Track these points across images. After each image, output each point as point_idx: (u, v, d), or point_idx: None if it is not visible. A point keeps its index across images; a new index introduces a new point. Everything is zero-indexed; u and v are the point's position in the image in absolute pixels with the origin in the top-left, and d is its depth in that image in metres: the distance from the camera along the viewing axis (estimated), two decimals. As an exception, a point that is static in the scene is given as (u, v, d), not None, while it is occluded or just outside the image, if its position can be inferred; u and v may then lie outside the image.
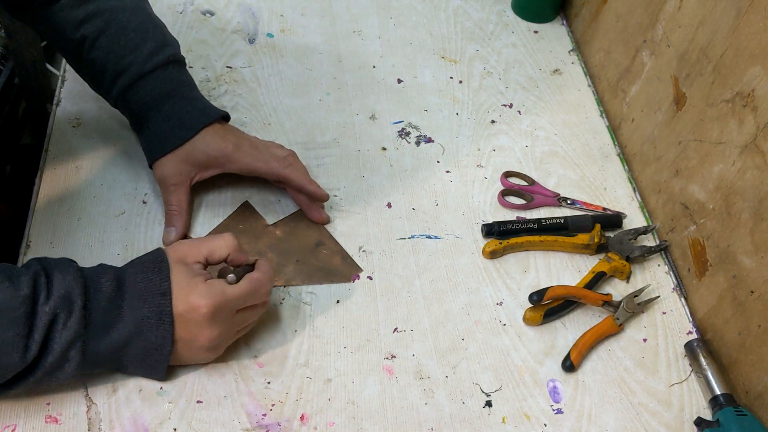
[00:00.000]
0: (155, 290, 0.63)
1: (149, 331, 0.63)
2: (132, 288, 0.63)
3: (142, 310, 0.63)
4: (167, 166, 0.78)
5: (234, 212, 0.83)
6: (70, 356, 0.60)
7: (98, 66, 0.78)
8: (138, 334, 0.63)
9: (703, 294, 0.79)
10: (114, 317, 0.62)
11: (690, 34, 0.82)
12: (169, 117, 0.78)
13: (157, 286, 0.63)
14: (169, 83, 0.79)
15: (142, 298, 0.63)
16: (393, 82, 1.01)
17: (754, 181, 0.71)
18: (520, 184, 0.90)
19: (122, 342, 0.63)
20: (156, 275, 0.64)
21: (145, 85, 0.78)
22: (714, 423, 0.70)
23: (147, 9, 0.82)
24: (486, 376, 0.73)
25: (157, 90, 0.78)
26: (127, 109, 0.80)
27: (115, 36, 0.77)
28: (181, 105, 0.78)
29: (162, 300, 0.63)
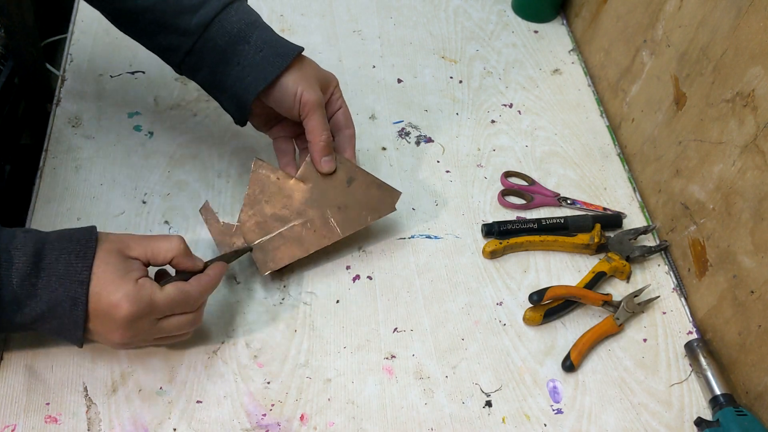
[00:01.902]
0: (74, 276, 0.61)
1: (62, 314, 0.61)
2: (50, 268, 0.61)
3: (57, 291, 0.60)
4: (314, 93, 0.74)
5: (252, 178, 0.77)
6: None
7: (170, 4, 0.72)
8: (51, 314, 0.61)
9: (704, 294, 0.79)
10: (27, 294, 0.60)
11: (690, 33, 0.82)
12: (265, 42, 0.73)
13: (77, 272, 0.61)
14: (251, 13, 0.74)
15: (59, 280, 0.60)
16: (393, 81, 1.01)
17: (755, 181, 0.71)
18: (520, 184, 0.90)
19: (35, 318, 0.61)
20: (79, 261, 0.61)
21: (231, 13, 0.72)
22: (714, 423, 0.70)
23: None
24: (486, 376, 0.73)
25: (244, 20, 0.73)
26: (211, 47, 0.73)
27: None
28: (269, 33, 0.74)
29: (79, 288, 0.61)
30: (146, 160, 0.87)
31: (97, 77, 0.95)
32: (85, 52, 0.97)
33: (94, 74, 0.95)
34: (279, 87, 0.73)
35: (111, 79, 0.95)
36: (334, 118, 0.79)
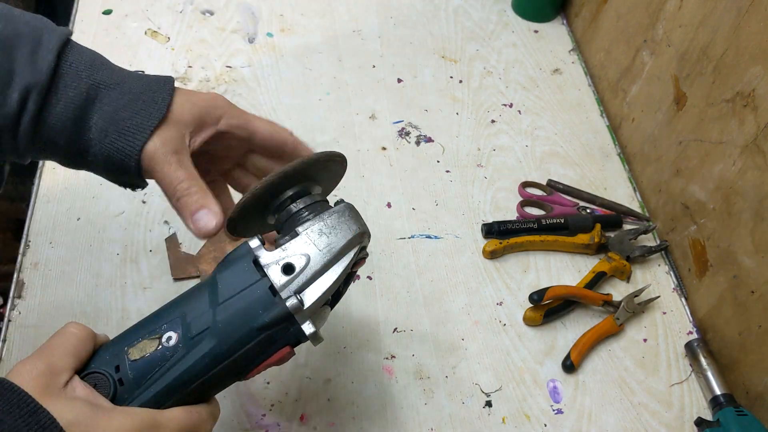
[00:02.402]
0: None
1: None
2: None
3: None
4: (153, 144, 0.52)
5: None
6: None
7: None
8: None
9: (704, 294, 0.79)
10: None
11: (690, 33, 0.82)
12: (123, 95, 0.53)
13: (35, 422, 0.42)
14: (90, 73, 0.53)
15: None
16: (393, 81, 1.01)
17: (755, 181, 0.71)
18: (538, 194, 0.90)
19: None
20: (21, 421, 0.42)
21: (57, 97, 0.52)
22: (714, 423, 0.70)
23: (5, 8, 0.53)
24: (486, 376, 0.73)
25: (78, 91, 0.52)
26: (47, 141, 0.53)
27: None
28: (131, 78, 0.54)
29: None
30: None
31: (96, 77, 0.95)
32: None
33: (94, 74, 0.95)
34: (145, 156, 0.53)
35: (111, 78, 0.94)
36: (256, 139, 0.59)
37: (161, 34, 1.01)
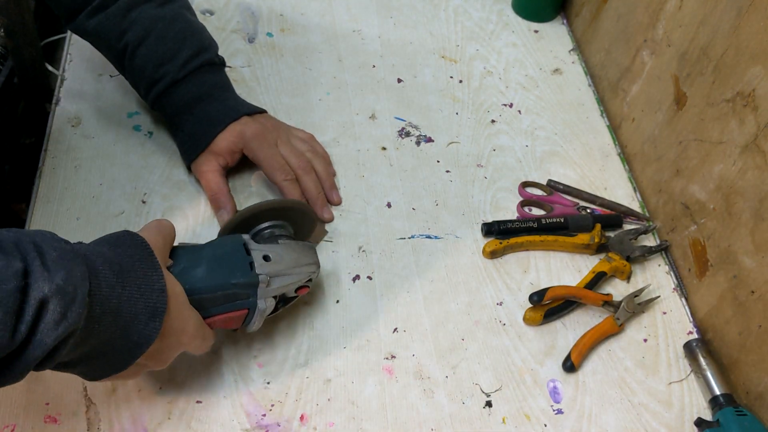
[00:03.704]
0: (153, 285, 0.56)
1: (132, 331, 0.54)
2: (132, 278, 0.54)
3: (137, 304, 0.54)
4: (200, 162, 0.82)
5: None
6: (60, 351, 0.49)
7: (137, 73, 0.82)
8: (125, 329, 0.54)
9: (704, 294, 0.79)
10: (111, 307, 0.52)
11: (691, 33, 0.82)
12: (201, 118, 0.82)
13: (153, 281, 0.56)
14: (202, 86, 0.82)
15: (140, 290, 0.55)
16: (393, 81, 1.01)
17: (755, 181, 0.71)
18: (538, 194, 0.90)
19: (107, 337, 0.53)
20: (150, 269, 0.56)
21: (178, 90, 0.81)
22: (714, 423, 0.70)
23: (187, 16, 0.84)
24: (486, 376, 0.73)
25: (189, 95, 0.82)
26: (164, 113, 0.84)
27: (153, 45, 0.80)
28: (213, 105, 0.82)
29: (160, 297, 0.56)
30: (146, 160, 0.86)
31: (96, 77, 0.95)
32: (84, 52, 0.97)
33: (94, 74, 0.95)
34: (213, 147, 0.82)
35: (111, 78, 0.94)
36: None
37: (161, 34, 1.01)
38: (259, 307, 0.65)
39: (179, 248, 0.64)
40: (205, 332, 0.62)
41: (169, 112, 0.84)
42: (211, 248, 0.65)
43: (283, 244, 0.69)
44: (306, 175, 0.83)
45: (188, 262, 0.62)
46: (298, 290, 0.69)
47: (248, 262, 0.64)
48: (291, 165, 0.82)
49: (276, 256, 0.66)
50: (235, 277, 0.63)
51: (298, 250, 0.69)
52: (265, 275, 0.64)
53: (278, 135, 0.84)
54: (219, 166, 0.82)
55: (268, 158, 0.81)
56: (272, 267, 0.65)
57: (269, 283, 0.65)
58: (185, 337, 0.60)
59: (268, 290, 0.65)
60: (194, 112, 0.82)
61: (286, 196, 0.81)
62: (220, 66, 0.86)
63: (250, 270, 0.64)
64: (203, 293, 0.62)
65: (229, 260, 0.64)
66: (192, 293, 0.61)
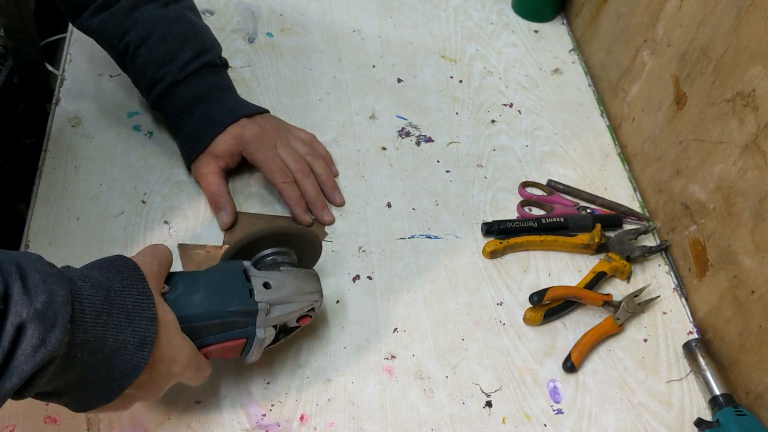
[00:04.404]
0: (143, 313, 0.53)
1: (119, 360, 0.52)
2: (120, 304, 0.52)
3: (125, 332, 0.52)
4: (200, 164, 0.82)
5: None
6: (39, 379, 0.46)
7: (139, 73, 0.83)
8: (111, 358, 0.51)
9: (704, 294, 0.79)
10: (96, 335, 0.50)
11: (691, 33, 0.82)
12: (200, 119, 0.82)
13: (143, 308, 0.53)
14: (202, 88, 0.82)
15: (129, 318, 0.52)
16: (393, 81, 1.01)
17: (755, 181, 0.71)
18: (538, 194, 0.90)
19: (91, 366, 0.51)
20: (142, 296, 0.54)
21: (178, 91, 0.82)
22: (714, 423, 0.70)
23: (190, 17, 0.85)
24: (486, 376, 0.73)
25: (189, 96, 0.82)
26: (164, 114, 0.85)
27: (154, 45, 0.81)
28: (213, 107, 0.82)
29: (150, 326, 0.53)
30: (146, 160, 0.86)
31: (96, 77, 0.95)
32: (84, 52, 0.97)
33: (94, 74, 0.95)
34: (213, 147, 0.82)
35: (111, 78, 0.94)
36: None
37: (161, 34, 1.01)
38: (258, 337, 0.62)
39: (176, 274, 0.62)
40: (199, 362, 0.60)
41: (169, 113, 0.84)
42: (209, 274, 0.63)
43: (285, 271, 0.66)
44: (305, 178, 0.83)
45: (184, 288, 0.60)
46: (300, 320, 0.67)
47: (248, 289, 0.62)
48: (290, 168, 0.82)
49: (277, 283, 0.64)
50: (233, 304, 0.61)
51: (300, 278, 0.66)
52: (264, 303, 0.62)
53: (278, 137, 0.84)
54: (219, 168, 0.82)
55: (267, 161, 0.81)
56: (272, 294, 0.63)
57: (269, 311, 0.62)
58: (177, 367, 0.57)
59: (267, 319, 0.63)
60: (194, 112, 0.82)
61: (285, 198, 0.82)
62: (222, 68, 0.86)
63: (249, 297, 0.62)
64: (199, 321, 0.59)
65: (227, 287, 0.62)
66: (187, 321, 0.58)
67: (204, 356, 0.61)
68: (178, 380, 0.59)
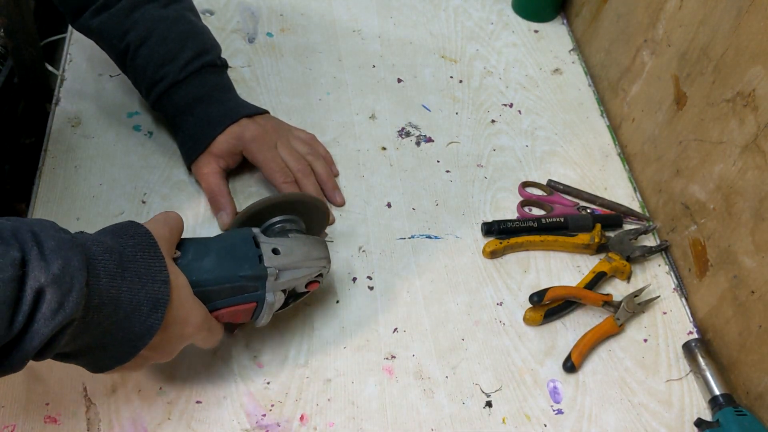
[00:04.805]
0: (156, 276, 0.55)
1: (134, 322, 0.54)
2: (133, 268, 0.54)
3: (138, 294, 0.54)
4: (200, 164, 0.82)
5: None
6: (58, 341, 0.49)
7: (139, 73, 0.83)
8: (124, 323, 0.53)
9: (704, 294, 0.79)
10: (110, 297, 0.52)
11: (691, 33, 0.82)
12: (201, 119, 0.82)
13: (156, 272, 0.55)
14: (202, 88, 0.82)
15: (141, 281, 0.54)
16: (393, 81, 1.01)
17: (755, 181, 0.71)
18: (538, 194, 0.90)
19: (107, 328, 0.53)
20: (154, 259, 0.56)
21: (179, 91, 0.82)
22: (714, 423, 0.70)
23: (189, 17, 0.85)
24: (486, 377, 0.73)
25: (189, 96, 0.82)
26: (165, 113, 0.85)
27: (154, 46, 0.81)
28: (213, 107, 0.82)
29: (162, 288, 0.55)
30: (146, 160, 0.86)
31: (96, 77, 0.95)
32: (84, 52, 0.97)
33: (94, 74, 0.95)
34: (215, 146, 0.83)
35: (110, 78, 0.94)
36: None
37: (161, 34, 1.01)
38: (268, 300, 0.64)
39: (187, 240, 0.64)
40: (211, 324, 0.62)
41: (169, 113, 0.84)
42: (219, 240, 0.65)
43: (293, 237, 0.68)
44: (305, 178, 0.83)
45: (195, 254, 0.62)
46: (309, 285, 0.69)
47: (257, 254, 0.64)
48: (290, 167, 0.82)
49: (285, 249, 0.66)
50: (243, 269, 0.63)
51: (308, 244, 0.68)
52: (273, 268, 0.64)
53: (278, 137, 0.84)
54: (219, 168, 0.82)
55: (267, 161, 0.82)
56: (281, 260, 0.65)
57: (278, 276, 0.64)
58: (189, 329, 0.59)
59: (276, 283, 0.64)
60: (194, 113, 0.82)
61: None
62: (222, 68, 0.86)
63: (258, 262, 0.63)
64: (210, 285, 0.61)
65: (237, 252, 0.64)
66: (198, 285, 0.60)
67: (215, 319, 0.63)
68: (190, 342, 0.61)
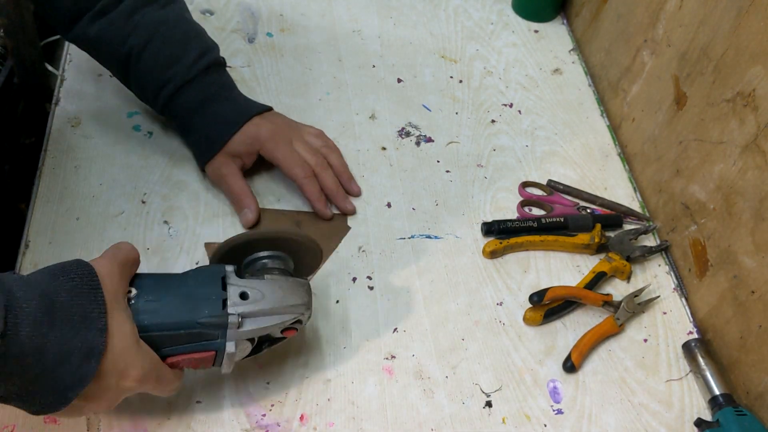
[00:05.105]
0: (91, 323, 0.51)
1: (64, 371, 0.50)
2: (65, 315, 0.50)
3: (70, 343, 0.50)
4: (217, 164, 0.82)
5: None
6: None
7: (144, 77, 0.82)
8: (53, 370, 0.50)
9: (704, 294, 0.79)
10: (33, 347, 0.48)
11: (691, 33, 0.82)
12: (213, 118, 0.82)
13: (93, 318, 0.52)
14: (211, 87, 0.82)
15: (74, 329, 0.50)
16: (393, 81, 1.01)
17: (755, 181, 0.71)
18: (538, 194, 0.90)
19: (32, 377, 0.49)
20: (92, 304, 0.52)
21: (189, 91, 0.81)
22: (714, 423, 0.70)
23: (188, 17, 0.85)
24: (486, 377, 0.73)
25: (200, 95, 0.81)
26: (174, 115, 0.84)
27: (159, 47, 0.80)
28: (224, 106, 0.82)
29: (98, 337, 0.51)
30: (146, 160, 0.86)
31: (96, 77, 0.95)
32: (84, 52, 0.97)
33: (94, 74, 0.95)
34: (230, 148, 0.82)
35: (110, 79, 0.94)
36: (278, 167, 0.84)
37: (161, 34, 1.01)
38: (228, 351, 0.59)
39: (147, 276, 0.59)
40: (160, 374, 0.57)
41: (179, 114, 0.83)
42: (182, 279, 0.59)
43: (269, 280, 0.62)
44: (324, 171, 0.83)
45: (152, 293, 0.57)
46: (285, 331, 0.63)
47: (221, 298, 0.58)
48: (308, 162, 0.83)
49: (256, 294, 0.60)
50: (202, 315, 0.57)
51: (286, 288, 0.62)
52: (236, 315, 0.58)
53: (291, 133, 0.84)
54: (237, 168, 0.82)
55: (286, 157, 0.82)
56: (248, 307, 0.59)
57: (241, 324, 0.59)
58: (129, 381, 0.54)
59: (239, 332, 0.59)
60: (206, 112, 0.82)
61: (306, 193, 0.82)
62: (224, 65, 0.86)
63: (221, 308, 0.58)
64: (163, 330, 0.56)
65: (199, 294, 0.58)
66: (150, 329, 0.56)
67: (170, 366, 0.58)
68: (133, 392, 0.57)
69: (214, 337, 0.58)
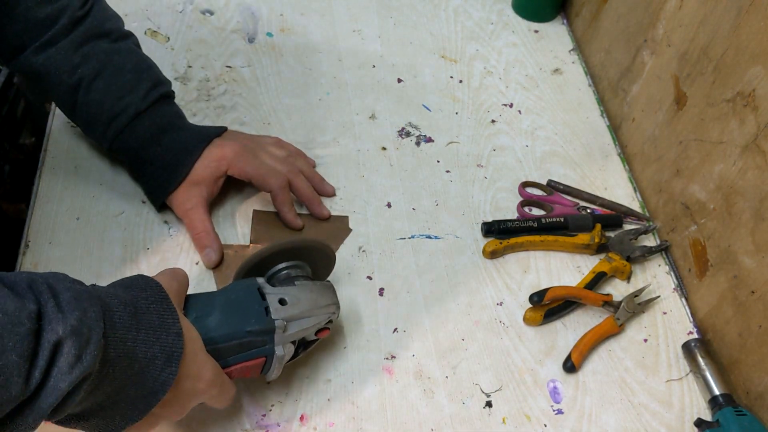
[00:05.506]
0: (169, 328, 0.54)
1: (147, 377, 0.53)
2: (147, 320, 0.53)
3: (153, 347, 0.53)
4: (181, 197, 0.79)
5: (253, 226, 0.82)
6: (73, 397, 0.47)
7: (94, 108, 0.78)
8: (141, 373, 0.52)
9: (704, 294, 0.79)
10: (126, 350, 0.51)
11: (691, 33, 0.82)
12: (171, 146, 0.78)
13: (169, 324, 0.54)
14: (164, 117, 0.79)
15: (156, 333, 0.53)
16: (393, 81, 1.01)
17: (755, 181, 0.71)
18: (538, 194, 0.90)
19: (123, 382, 0.51)
20: (166, 312, 0.55)
21: (142, 122, 0.78)
22: (714, 423, 0.70)
23: (139, 51, 0.82)
24: (486, 377, 0.73)
25: (154, 126, 0.78)
26: (126, 148, 0.79)
27: (111, 78, 0.77)
28: (181, 134, 0.79)
29: (176, 341, 0.54)
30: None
31: (96, 77, 0.95)
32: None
33: (94, 74, 0.95)
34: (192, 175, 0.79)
35: (110, 78, 0.94)
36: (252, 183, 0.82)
37: (161, 34, 1.01)
38: (277, 354, 0.62)
39: (191, 296, 0.62)
40: (223, 381, 0.60)
41: (132, 147, 0.79)
42: (224, 295, 0.63)
43: (299, 285, 0.66)
44: (296, 177, 0.82)
45: (201, 311, 0.60)
46: (318, 333, 0.66)
47: (263, 307, 0.62)
48: (280, 171, 0.81)
49: (292, 298, 0.63)
50: (250, 324, 0.61)
51: (315, 291, 0.66)
52: (281, 320, 0.62)
53: (254, 147, 0.82)
54: (203, 199, 0.79)
55: (258, 170, 0.80)
56: (289, 311, 0.63)
57: (286, 328, 0.62)
58: (202, 384, 0.57)
59: (285, 336, 0.62)
60: (162, 143, 0.78)
61: (280, 203, 0.81)
62: (173, 97, 0.83)
63: (265, 315, 0.61)
64: (218, 343, 0.59)
65: (243, 307, 0.62)
66: (206, 343, 0.58)
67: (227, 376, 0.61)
68: (202, 399, 0.59)
69: (263, 344, 0.62)
